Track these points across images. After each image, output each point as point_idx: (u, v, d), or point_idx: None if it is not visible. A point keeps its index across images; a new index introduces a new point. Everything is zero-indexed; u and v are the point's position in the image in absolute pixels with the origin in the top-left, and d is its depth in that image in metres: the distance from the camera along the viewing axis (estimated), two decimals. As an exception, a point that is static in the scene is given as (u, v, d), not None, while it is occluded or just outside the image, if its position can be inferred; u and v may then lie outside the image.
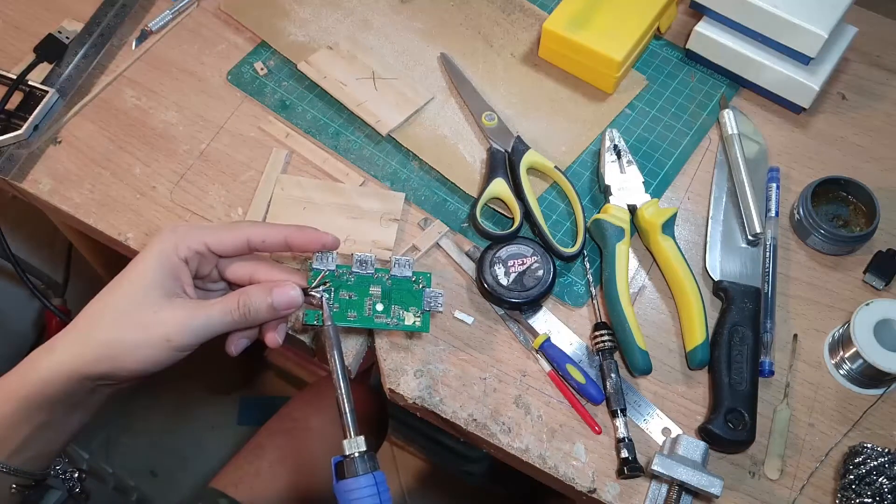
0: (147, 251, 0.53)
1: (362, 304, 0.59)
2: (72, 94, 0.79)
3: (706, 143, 0.77)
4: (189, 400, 1.55)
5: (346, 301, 0.59)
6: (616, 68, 0.76)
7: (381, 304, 0.60)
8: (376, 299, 0.60)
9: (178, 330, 0.51)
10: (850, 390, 0.65)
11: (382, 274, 0.60)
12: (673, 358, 0.67)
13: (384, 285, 0.60)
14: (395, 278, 0.60)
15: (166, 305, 0.51)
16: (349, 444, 0.50)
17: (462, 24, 0.84)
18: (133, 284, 0.52)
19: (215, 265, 0.58)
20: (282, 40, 0.82)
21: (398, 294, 0.60)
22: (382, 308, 0.60)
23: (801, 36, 0.72)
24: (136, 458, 1.48)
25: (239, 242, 0.55)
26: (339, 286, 0.59)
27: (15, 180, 0.74)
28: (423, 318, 0.61)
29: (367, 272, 0.59)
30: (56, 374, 0.50)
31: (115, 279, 0.53)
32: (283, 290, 0.54)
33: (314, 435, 0.91)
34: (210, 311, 0.52)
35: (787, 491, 0.61)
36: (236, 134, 0.77)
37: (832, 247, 0.70)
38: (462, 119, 0.78)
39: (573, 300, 0.69)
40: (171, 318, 0.51)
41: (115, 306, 0.51)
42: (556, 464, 0.62)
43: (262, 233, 0.55)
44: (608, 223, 0.68)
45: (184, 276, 0.54)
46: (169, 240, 0.53)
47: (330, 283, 0.58)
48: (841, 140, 0.77)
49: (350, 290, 0.59)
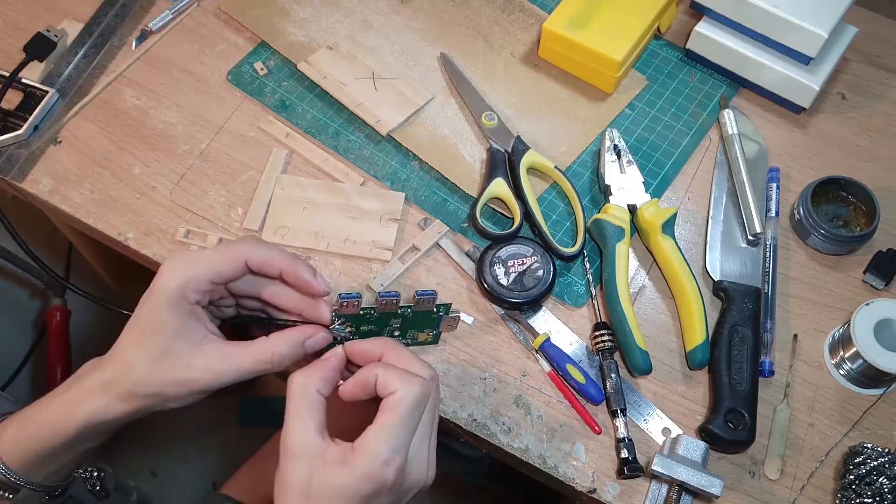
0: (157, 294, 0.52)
1: (381, 334, 0.60)
2: (72, 94, 0.79)
3: (706, 143, 0.77)
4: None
5: (367, 333, 0.59)
6: (616, 68, 0.76)
7: (399, 331, 0.61)
8: (395, 328, 0.61)
9: (211, 381, 0.52)
10: (850, 390, 0.65)
11: (405, 310, 0.59)
12: (673, 358, 0.67)
13: (405, 318, 0.60)
14: (416, 312, 0.60)
15: (197, 359, 0.52)
16: None
17: (462, 24, 0.84)
18: (159, 336, 0.52)
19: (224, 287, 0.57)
20: (282, 40, 0.82)
21: (416, 322, 0.61)
22: (399, 333, 0.62)
23: (801, 36, 0.72)
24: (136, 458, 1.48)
25: (238, 266, 0.54)
26: (361, 323, 0.58)
27: (15, 180, 0.74)
28: (433, 336, 0.64)
29: (390, 310, 0.59)
30: (101, 418, 0.53)
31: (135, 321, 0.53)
32: (313, 340, 0.55)
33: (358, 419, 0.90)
34: (242, 361, 0.53)
35: (787, 491, 0.61)
36: (236, 134, 0.77)
37: (832, 247, 0.70)
38: (462, 119, 0.78)
39: (573, 300, 0.69)
40: (205, 369, 0.52)
41: (148, 360, 0.52)
42: (556, 464, 0.62)
43: (259, 258, 0.54)
44: (608, 223, 0.68)
45: (202, 317, 0.54)
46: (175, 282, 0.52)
47: (352, 328, 0.58)
48: (841, 140, 0.77)
49: (371, 325, 0.59)
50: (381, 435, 0.47)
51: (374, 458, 0.47)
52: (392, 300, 0.57)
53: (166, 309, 0.52)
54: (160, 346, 0.52)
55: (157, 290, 0.52)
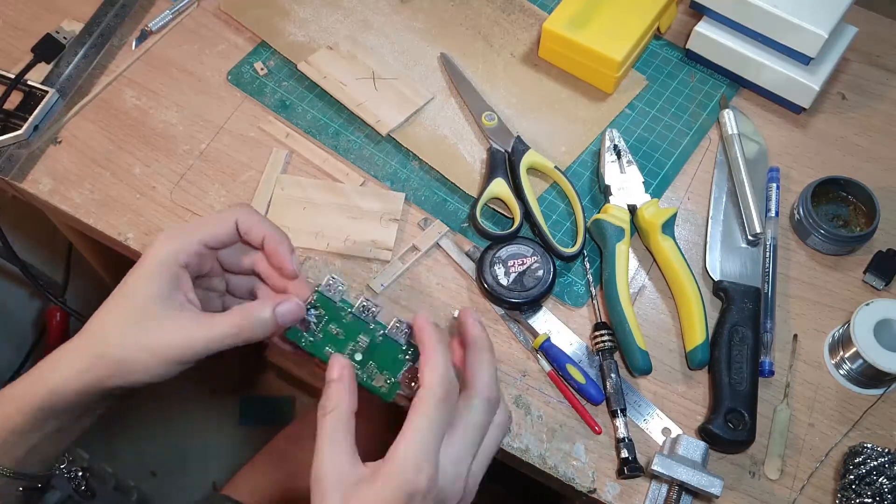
0: (147, 260, 0.53)
1: (343, 346, 0.55)
2: (72, 94, 0.79)
3: (706, 143, 0.77)
4: (189, 400, 1.55)
5: (331, 336, 0.56)
6: (616, 68, 0.76)
7: (361, 354, 0.56)
8: (359, 348, 0.56)
9: (183, 350, 0.51)
10: (850, 390, 0.65)
11: (379, 328, 0.56)
12: (673, 358, 0.67)
13: (374, 339, 0.56)
14: (387, 338, 0.56)
15: (171, 324, 0.51)
16: None
17: (462, 24, 0.84)
18: (139, 298, 0.52)
19: (215, 260, 0.58)
20: (282, 40, 0.82)
21: (381, 354, 0.55)
22: (360, 359, 0.55)
23: (801, 36, 0.72)
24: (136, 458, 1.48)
25: (230, 228, 0.55)
26: (332, 318, 0.56)
27: (15, 180, 0.74)
28: (390, 388, 0.55)
29: (364, 318, 0.56)
30: (66, 387, 0.51)
31: (118, 289, 0.53)
32: (284, 305, 0.53)
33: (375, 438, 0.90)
34: (212, 330, 0.52)
35: (787, 491, 0.61)
36: (236, 134, 0.77)
37: (832, 247, 0.70)
38: (462, 119, 0.78)
39: (573, 300, 0.69)
40: (177, 337, 0.51)
41: (124, 322, 0.51)
42: (556, 464, 0.62)
43: (248, 221, 0.55)
44: (608, 223, 0.68)
45: (185, 283, 0.54)
46: (168, 247, 0.53)
47: (323, 311, 0.56)
48: (841, 140, 0.77)
49: (341, 328, 0.56)
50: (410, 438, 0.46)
51: (404, 465, 0.45)
52: (371, 309, 0.55)
53: (153, 272, 0.52)
54: (135, 308, 0.51)
55: (149, 255, 0.52)
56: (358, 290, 0.69)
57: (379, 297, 0.69)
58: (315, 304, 0.56)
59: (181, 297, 0.53)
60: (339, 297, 0.56)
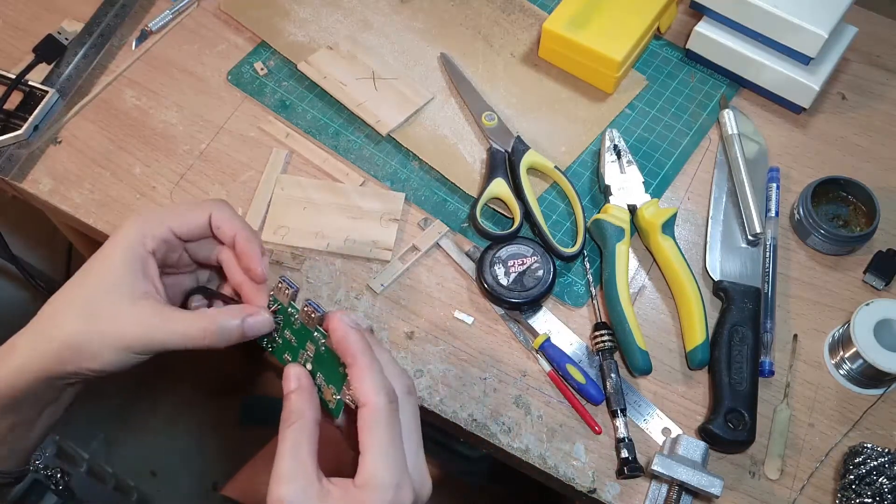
0: (114, 243, 0.51)
1: (297, 354, 0.53)
2: (72, 94, 0.79)
3: (706, 143, 0.77)
4: (189, 400, 1.55)
5: (287, 342, 0.54)
6: (616, 68, 0.76)
7: (311, 365, 0.53)
8: (308, 357, 0.53)
9: (139, 341, 0.49)
10: (850, 390, 0.65)
11: (320, 336, 0.52)
12: (673, 358, 0.67)
13: (318, 349, 0.52)
14: (328, 349, 0.51)
15: (132, 309, 0.49)
16: None
17: (462, 24, 0.84)
18: (98, 280, 0.50)
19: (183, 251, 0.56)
20: (282, 40, 0.82)
21: (326, 367, 0.52)
22: (311, 369, 0.53)
23: (801, 36, 0.72)
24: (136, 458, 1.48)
25: (202, 222, 0.53)
26: (287, 325, 0.54)
27: (15, 180, 0.74)
28: (336, 404, 0.52)
29: (309, 326, 0.52)
30: (20, 374, 0.49)
31: (80, 271, 0.51)
32: (255, 318, 0.52)
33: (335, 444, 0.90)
34: (174, 328, 0.50)
35: (787, 491, 0.61)
36: (236, 134, 0.77)
37: (832, 247, 0.70)
38: (462, 119, 0.78)
39: (573, 300, 0.69)
40: (134, 325, 0.49)
41: (80, 305, 0.49)
42: (556, 464, 0.62)
43: (220, 218, 0.53)
44: (608, 223, 0.68)
45: (151, 270, 0.51)
46: (135, 231, 0.51)
47: (281, 317, 0.54)
48: (841, 140, 0.77)
49: (294, 335, 0.54)
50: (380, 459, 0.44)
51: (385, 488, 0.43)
52: (314, 313, 0.51)
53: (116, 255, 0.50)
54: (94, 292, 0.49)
55: (115, 237, 0.50)
56: (358, 291, 0.69)
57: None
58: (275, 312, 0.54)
59: (145, 284, 0.51)
60: (288, 300, 0.53)
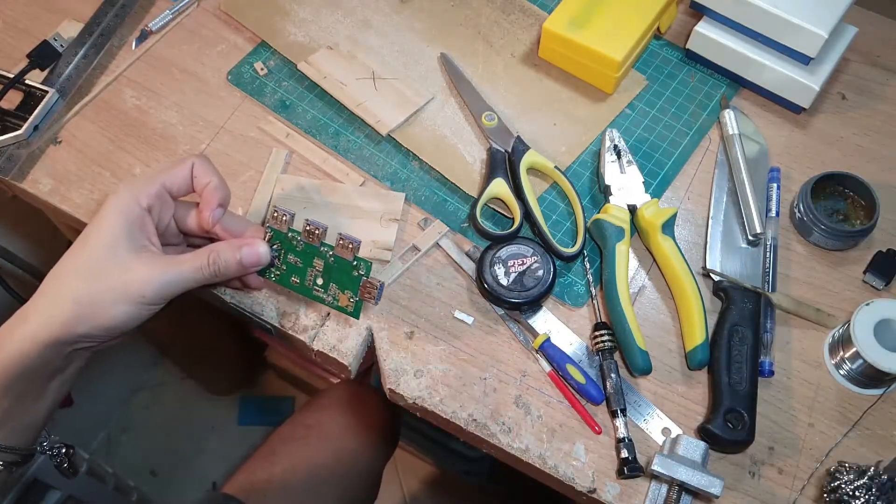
0: (107, 207, 0.52)
1: (305, 273, 0.60)
2: (72, 94, 0.79)
3: (706, 143, 0.77)
4: (189, 400, 1.55)
5: (292, 266, 0.60)
6: (616, 68, 0.76)
7: (322, 278, 0.60)
8: (318, 272, 0.60)
9: (150, 286, 0.51)
10: (850, 390, 0.65)
11: (327, 249, 0.59)
12: (673, 358, 0.67)
13: (327, 261, 0.59)
14: (337, 258, 0.59)
15: (136, 261, 0.51)
16: None
17: (462, 24, 0.84)
18: (100, 241, 0.51)
19: (173, 215, 0.58)
20: (282, 40, 0.82)
21: (337, 274, 0.60)
22: (322, 283, 0.60)
23: (801, 36, 0.72)
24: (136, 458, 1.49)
25: (186, 173, 0.56)
26: (289, 249, 0.59)
27: (15, 180, 0.74)
28: (355, 305, 0.61)
29: (313, 243, 0.59)
30: (32, 342, 0.50)
31: (78, 239, 0.52)
32: (251, 248, 0.56)
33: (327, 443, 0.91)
34: (181, 267, 0.52)
35: (787, 491, 0.61)
36: (236, 134, 0.77)
37: (834, 242, 0.70)
38: (462, 119, 0.78)
39: (573, 300, 0.69)
40: (142, 274, 0.51)
41: (85, 265, 0.51)
42: (556, 464, 0.62)
43: (199, 168, 0.57)
44: (608, 223, 0.69)
45: (148, 226, 0.54)
46: (128, 192, 0.53)
47: (280, 244, 0.59)
48: (841, 140, 0.77)
49: (297, 257, 0.60)
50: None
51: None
52: (316, 230, 0.58)
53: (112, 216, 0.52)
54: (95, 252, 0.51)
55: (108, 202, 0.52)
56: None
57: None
58: (272, 240, 0.59)
59: (145, 239, 0.53)
60: (286, 226, 0.58)
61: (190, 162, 0.57)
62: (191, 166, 0.56)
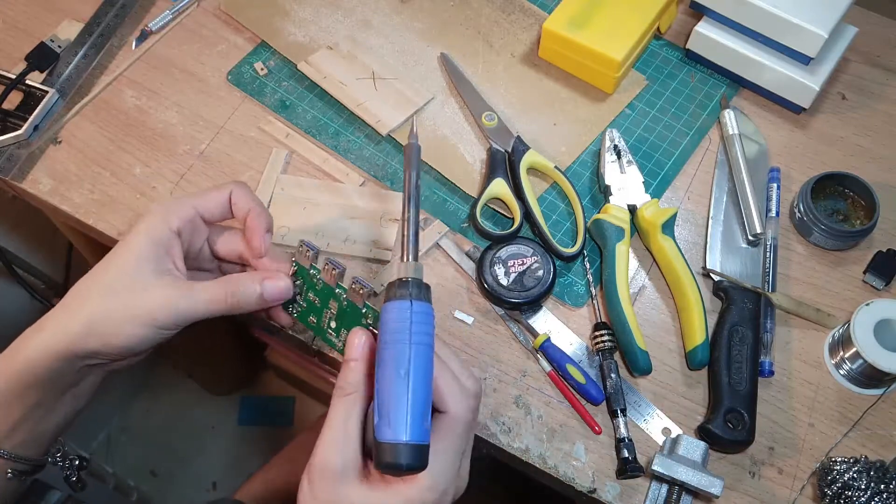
0: (137, 226, 0.52)
1: (321, 314, 0.56)
2: (72, 94, 0.79)
3: (706, 143, 0.77)
4: (189, 400, 1.55)
5: (311, 304, 0.56)
6: (616, 68, 0.76)
7: (336, 321, 0.55)
8: (332, 315, 0.55)
9: (164, 311, 0.50)
10: (850, 390, 0.65)
11: (342, 292, 0.54)
12: (673, 358, 0.67)
13: (340, 304, 0.55)
14: (350, 303, 0.54)
15: (155, 283, 0.50)
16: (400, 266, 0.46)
17: (462, 24, 0.84)
18: (124, 260, 0.51)
19: (206, 239, 0.57)
20: (282, 40, 0.82)
21: (349, 320, 0.55)
22: (335, 326, 0.56)
23: (801, 36, 0.72)
24: (136, 458, 1.49)
25: (223, 199, 0.55)
26: (310, 287, 0.56)
27: (15, 180, 0.74)
28: None
29: (331, 283, 0.55)
30: (44, 352, 0.50)
31: (106, 256, 0.52)
32: (274, 282, 0.53)
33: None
34: (198, 296, 0.51)
35: (787, 491, 0.61)
36: (236, 134, 0.77)
37: (835, 242, 0.70)
38: (462, 119, 0.78)
39: (573, 300, 0.69)
40: (158, 297, 0.50)
41: (106, 282, 0.50)
42: (556, 464, 0.62)
43: (238, 194, 0.55)
44: (608, 223, 0.68)
45: (175, 250, 0.53)
46: (159, 213, 0.52)
47: (302, 281, 0.56)
48: (841, 140, 0.77)
49: (317, 295, 0.56)
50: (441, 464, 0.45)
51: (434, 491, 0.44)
52: (335, 269, 0.53)
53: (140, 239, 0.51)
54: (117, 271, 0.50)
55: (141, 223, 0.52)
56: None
57: (379, 297, 0.69)
58: (296, 275, 0.56)
59: (169, 262, 0.52)
60: (309, 262, 0.55)
61: (229, 189, 0.55)
62: (229, 193, 0.55)
